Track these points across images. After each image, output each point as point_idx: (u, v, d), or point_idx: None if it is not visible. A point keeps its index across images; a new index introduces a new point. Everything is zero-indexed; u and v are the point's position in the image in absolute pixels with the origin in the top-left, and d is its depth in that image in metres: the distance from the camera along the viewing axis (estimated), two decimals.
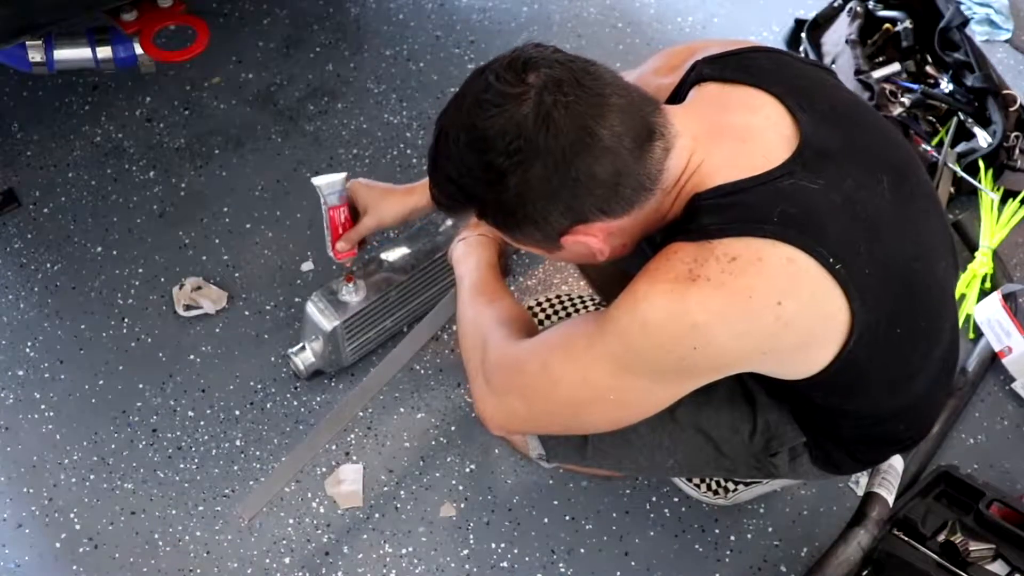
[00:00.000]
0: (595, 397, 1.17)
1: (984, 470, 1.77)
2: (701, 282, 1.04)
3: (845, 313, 1.08)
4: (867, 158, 1.15)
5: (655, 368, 1.11)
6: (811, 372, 1.14)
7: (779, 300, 1.05)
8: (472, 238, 1.47)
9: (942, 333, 1.25)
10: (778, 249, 1.04)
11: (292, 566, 1.64)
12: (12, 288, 1.94)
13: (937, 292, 1.22)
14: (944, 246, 1.25)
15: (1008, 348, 1.85)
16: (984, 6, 2.51)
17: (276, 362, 1.86)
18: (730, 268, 1.04)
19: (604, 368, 1.13)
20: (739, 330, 1.06)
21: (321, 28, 2.39)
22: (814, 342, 1.11)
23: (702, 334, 1.05)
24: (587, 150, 1.05)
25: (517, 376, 1.22)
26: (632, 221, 1.12)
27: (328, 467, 1.74)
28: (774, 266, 1.05)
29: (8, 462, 1.73)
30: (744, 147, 1.10)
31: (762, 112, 1.13)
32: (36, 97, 2.22)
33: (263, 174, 2.12)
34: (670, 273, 1.06)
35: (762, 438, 1.34)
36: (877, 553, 1.54)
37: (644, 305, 1.07)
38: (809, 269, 1.05)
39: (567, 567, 1.65)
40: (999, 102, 2.14)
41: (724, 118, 1.13)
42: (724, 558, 1.67)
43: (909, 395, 1.27)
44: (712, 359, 1.09)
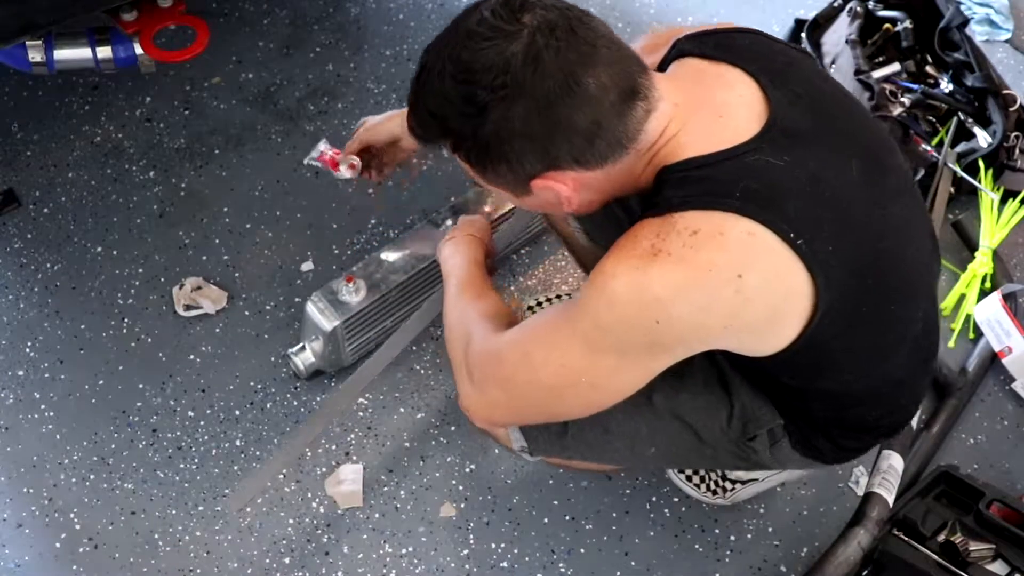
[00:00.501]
0: (571, 381, 1.18)
1: (984, 470, 1.77)
2: (663, 257, 1.05)
3: (808, 289, 1.09)
4: (838, 140, 1.16)
5: (622, 344, 1.12)
6: (777, 349, 1.14)
7: (739, 273, 1.05)
8: (459, 237, 1.50)
9: (914, 317, 1.25)
10: (739, 223, 1.05)
11: (292, 566, 1.64)
12: (12, 288, 1.94)
13: (908, 275, 1.22)
14: (919, 230, 1.25)
15: (1008, 348, 1.85)
16: (984, 6, 2.51)
17: (276, 362, 1.86)
18: (691, 242, 1.05)
19: (576, 349, 1.14)
20: (700, 303, 1.07)
21: (321, 28, 2.39)
22: (777, 318, 1.11)
23: (664, 308, 1.06)
24: (571, 96, 1.06)
25: (497, 367, 1.24)
26: (604, 177, 1.13)
27: (328, 467, 1.74)
28: (735, 240, 1.05)
29: (8, 462, 1.73)
30: (718, 122, 1.12)
31: (736, 89, 1.14)
32: (36, 97, 2.22)
33: (263, 174, 2.12)
34: (635, 249, 1.07)
35: (739, 422, 1.35)
36: (877, 553, 1.54)
37: (610, 282, 1.08)
38: (770, 244, 1.06)
39: (567, 567, 1.65)
40: (999, 102, 2.14)
41: (702, 92, 1.14)
42: (724, 558, 1.67)
43: (881, 379, 1.27)
44: (676, 333, 1.10)
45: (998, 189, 2.08)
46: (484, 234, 1.54)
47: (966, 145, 2.14)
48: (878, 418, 1.35)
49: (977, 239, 2.03)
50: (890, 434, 1.46)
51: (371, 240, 2.02)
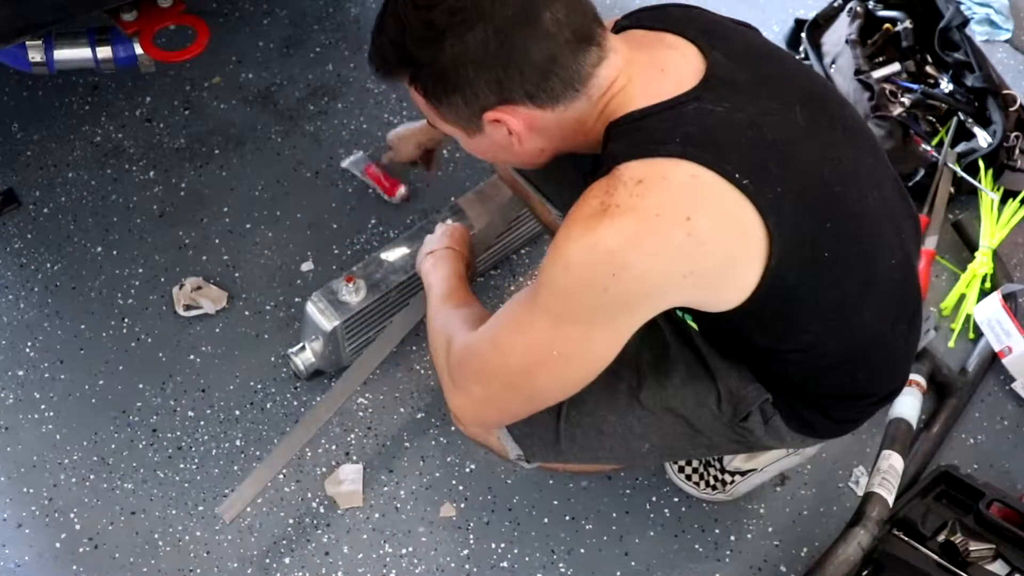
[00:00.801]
0: (540, 358, 1.18)
1: (984, 470, 1.77)
2: (612, 210, 1.06)
3: (760, 230, 1.09)
4: (777, 88, 1.18)
5: (586, 309, 1.12)
6: (740, 300, 1.14)
7: (687, 216, 1.06)
8: (440, 252, 1.53)
9: (879, 263, 1.24)
10: (681, 166, 1.07)
11: (292, 566, 1.64)
12: (12, 288, 1.94)
13: (870, 220, 1.22)
14: (879, 177, 1.26)
15: (1008, 348, 1.85)
16: (984, 6, 2.51)
17: (276, 362, 1.86)
18: (637, 191, 1.06)
19: (542, 324, 1.15)
20: (653, 249, 1.07)
21: (321, 28, 2.39)
22: (734, 262, 1.12)
23: (618, 259, 1.07)
24: (528, 27, 1.08)
25: (471, 360, 1.25)
26: (555, 122, 1.15)
27: (328, 467, 1.74)
28: (679, 183, 1.07)
29: (8, 462, 1.73)
30: (660, 76, 1.15)
31: (678, 49, 1.18)
32: (36, 97, 2.22)
33: (263, 174, 2.12)
34: (584, 211, 1.08)
35: (729, 405, 1.34)
36: (877, 553, 1.54)
37: (563, 247, 1.09)
38: (715, 184, 1.07)
39: (567, 567, 1.65)
40: (999, 102, 2.14)
41: (645, 52, 1.18)
42: (724, 558, 1.67)
43: (852, 334, 1.26)
44: (635, 285, 1.10)
45: (998, 189, 2.08)
46: (463, 245, 1.57)
47: (966, 145, 2.14)
48: (863, 382, 1.34)
49: (977, 239, 2.03)
50: (881, 401, 1.42)
51: (371, 240, 2.02)
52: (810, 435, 1.40)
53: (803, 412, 1.36)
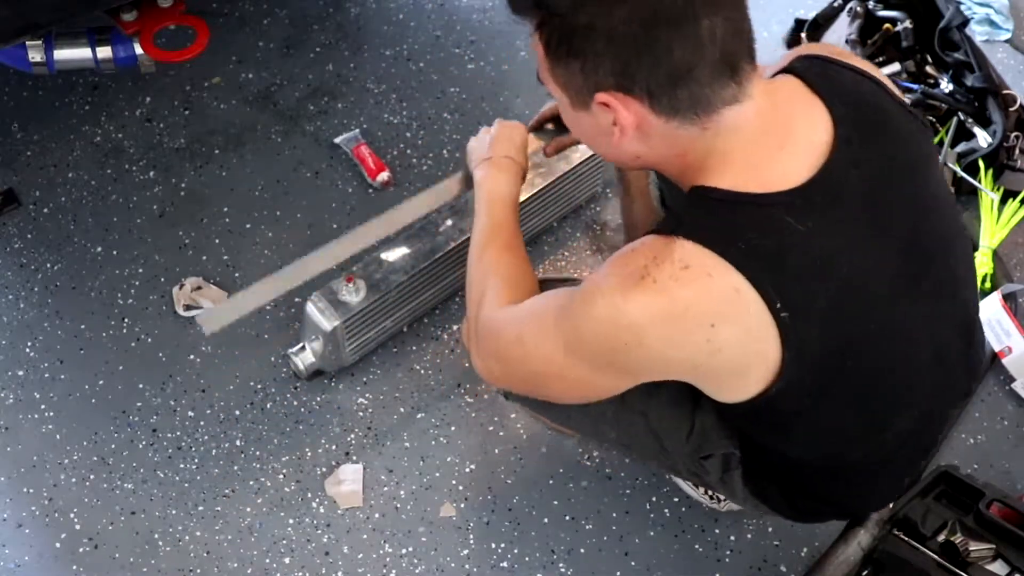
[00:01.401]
0: (554, 374, 1.18)
1: (984, 470, 1.77)
2: (648, 282, 1.03)
3: (776, 358, 1.06)
4: (885, 220, 1.11)
5: (594, 357, 1.12)
6: (736, 400, 1.14)
7: (713, 323, 1.03)
8: (499, 160, 1.45)
9: (896, 422, 1.22)
10: (730, 275, 1.02)
11: (292, 566, 1.64)
12: (12, 288, 1.94)
13: (902, 379, 1.19)
14: (944, 337, 1.20)
15: (1008, 348, 1.85)
16: (984, 6, 2.51)
17: (276, 362, 1.86)
18: (679, 275, 1.03)
19: (560, 347, 1.14)
20: (670, 339, 1.06)
21: (321, 28, 2.39)
22: (741, 374, 1.10)
23: (635, 334, 1.05)
24: (681, 25, 1.00)
25: (495, 341, 1.26)
26: (664, 135, 1.07)
27: (328, 467, 1.74)
28: (719, 289, 1.03)
29: (8, 462, 1.73)
30: (776, 156, 1.07)
31: (813, 131, 1.10)
32: (36, 97, 2.22)
33: (263, 174, 2.12)
34: (628, 267, 1.06)
35: (697, 439, 1.35)
36: (877, 553, 1.54)
37: (596, 293, 1.07)
38: (753, 304, 1.03)
39: (567, 567, 1.65)
40: (999, 102, 2.14)
41: (781, 115, 1.09)
42: (724, 558, 1.67)
43: (842, 461, 1.26)
44: (643, 360, 1.09)
45: (998, 189, 2.08)
46: (523, 153, 1.49)
47: (966, 145, 2.14)
48: (830, 494, 1.34)
49: (977, 239, 2.03)
50: (845, 516, 1.44)
51: None
52: (761, 502, 1.39)
53: (763, 482, 1.35)
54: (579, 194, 2.02)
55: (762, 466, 1.34)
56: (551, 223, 2.03)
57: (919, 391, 1.22)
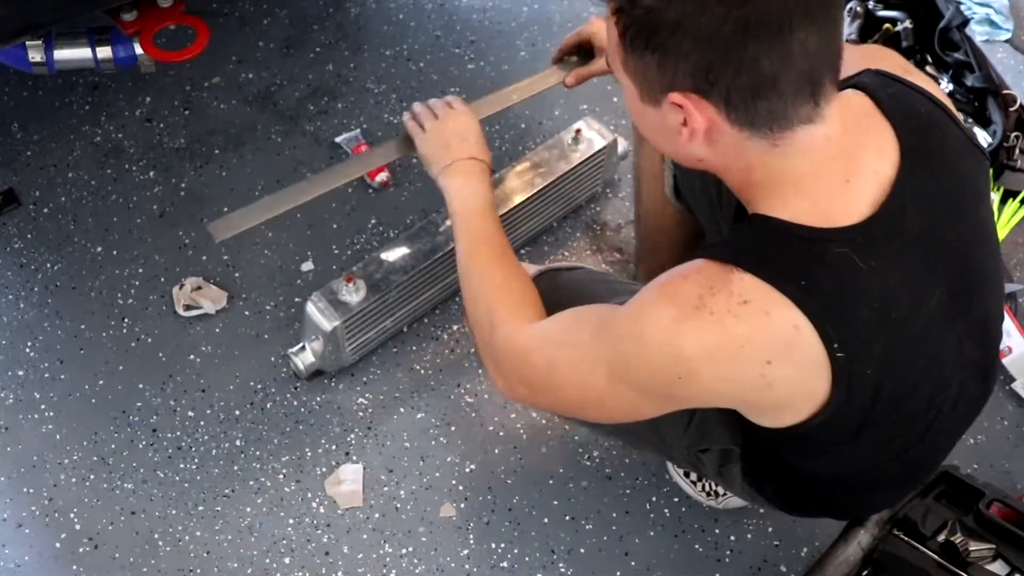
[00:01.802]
0: (593, 400, 1.16)
1: (984, 470, 1.77)
2: (704, 314, 1.00)
3: (825, 395, 1.05)
4: (937, 258, 1.09)
5: (643, 384, 1.10)
6: (771, 426, 1.14)
7: (769, 360, 1.01)
8: (463, 164, 1.39)
9: (911, 451, 1.23)
10: (790, 313, 1.00)
11: (292, 566, 1.64)
12: (12, 288, 1.94)
13: (930, 421, 1.19)
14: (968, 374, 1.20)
15: (1008, 348, 1.85)
16: (984, 6, 2.51)
17: (276, 362, 1.86)
18: (736, 310, 1.00)
19: (601, 374, 1.11)
20: (723, 374, 1.04)
21: (321, 28, 2.39)
22: (786, 407, 1.09)
23: (688, 368, 1.03)
24: (774, 36, 0.95)
25: (524, 367, 1.22)
26: (734, 144, 1.03)
27: (328, 467, 1.74)
28: (778, 326, 1.00)
29: (8, 462, 1.73)
30: (841, 188, 1.04)
31: (880, 161, 1.06)
32: (36, 97, 2.22)
33: (263, 174, 2.12)
34: (681, 295, 1.02)
35: (696, 431, 1.34)
36: (877, 553, 1.54)
37: (646, 322, 1.04)
38: (811, 343, 1.01)
39: (567, 567, 1.65)
40: (999, 102, 2.14)
41: (853, 142, 1.06)
42: (724, 558, 1.67)
43: (850, 478, 1.26)
44: (693, 392, 1.08)
45: (998, 189, 2.08)
46: (482, 147, 1.42)
47: None
48: (829, 500, 1.34)
49: None
50: (840, 516, 1.45)
51: (371, 240, 2.02)
52: (758, 494, 1.39)
53: (762, 478, 1.35)
54: (579, 194, 2.02)
55: (764, 467, 1.34)
56: (551, 223, 2.03)
57: (938, 428, 1.23)
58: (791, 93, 0.98)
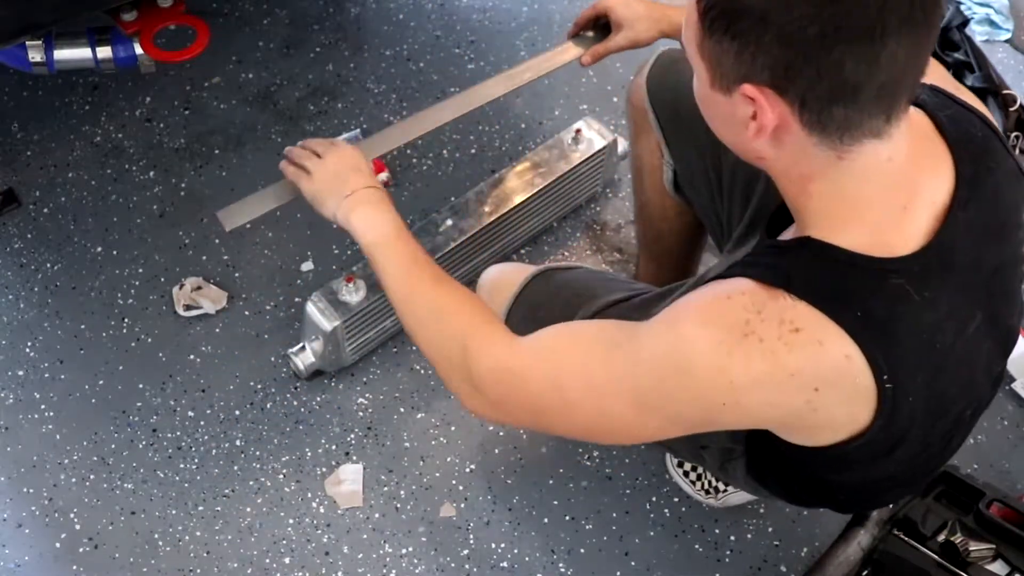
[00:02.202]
0: (609, 428, 1.09)
1: (984, 470, 1.77)
2: (753, 340, 0.96)
3: (866, 422, 1.03)
4: (979, 287, 1.07)
5: (677, 413, 1.04)
6: (806, 444, 1.10)
7: (817, 387, 0.98)
8: (363, 193, 1.31)
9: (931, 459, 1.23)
10: (843, 343, 0.96)
11: (292, 566, 1.64)
12: (12, 288, 1.94)
13: (948, 438, 1.19)
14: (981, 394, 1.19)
15: None
16: (984, 6, 2.51)
17: (276, 362, 1.86)
18: (789, 339, 0.96)
19: (625, 402, 1.04)
20: (770, 401, 1.00)
21: (321, 28, 2.39)
22: (827, 429, 1.07)
23: (734, 394, 0.98)
24: (863, 43, 0.90)
25: (522, 391, 1.12)
26: (801, 147, 0.98)
27: (328, 467, 1.74)
28: (831, 357, 0.97)
29: (8, 462, 1.73)
30: (900, 217, 1.01)
31: (937, 188, 1.03)
32: (36, 97, 2.22)
33: (263, 174, 2.12)
34: (725, 319, 0.98)
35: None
36: (877, 553, 1.54)
37: (688, 348, 0.98)
38: (861, 374, 0.98)
39: (567, 567, 1.65)
40: (999, 102, 2.14)
41: (914, 168, 1.02)
42: (724, 558, 1.67)
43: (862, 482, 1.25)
44: (735, 417, 1.04)
45: None
46: (374, 176, 1.35)
47: None
48: (840, 497, 1.33)
49: None
50: (844, 510, 1.43)
51: None
52: (762, 486, 1.37)
53: (766, 474, 1.33)
54: (579, 194, 2.02)
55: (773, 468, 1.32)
56: (551, 223, 2.03)
57: (958, 437, 1.23)
58: (870, 104, 0.94)
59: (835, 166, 0.98)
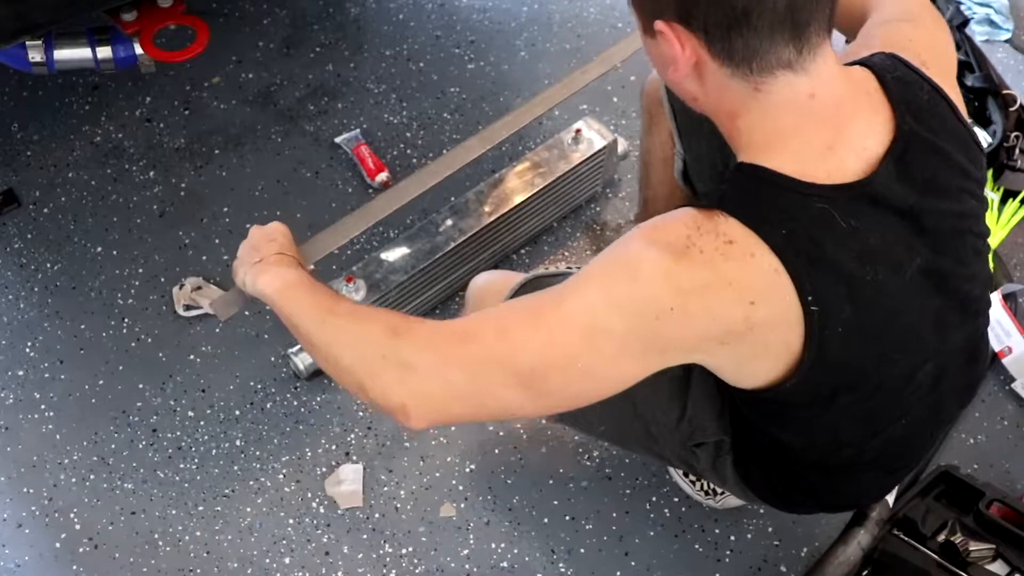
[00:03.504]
0: (561, 364, 1.05)
1: (984, 470, 1.77)
2: (694, 252, 1.01)
3: (798, 351, 1.06)
4: (916, 236, 1.10)
5: (629, 328, 1.03)
6: (748, 387, 1.14)
7: (752, 300, 1.02)
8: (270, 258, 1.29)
9: (889, 429, 1.23)
10: (770, 257, 1.01)
11: (292, 566, 1.64)
12: (12, 288, 1.94)
13: (907, 390, 1.19)
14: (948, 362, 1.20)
15: (1008, 348, 1.85)
16: (984, 6, 2.51)
17: (276, 362, 1.86)
18: (724, 249, 1.01)
19: (577, 327, 1.04)
20: (713, 310, 1.03)
21: (321, 28, 2.39)
22: (763, 360, 1.09)
23: (681, 299, 1.02)
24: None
25: (461, 347, 1.07)
26: (717, 83, 1.05)
27: (328, 467, 1.74)
28: (761, 268, 1.02)
29: (8, 462, 1.73)
30: (823, 153, 1.05)
31: (871, 137, 1.07)
32: (36, 97, 2.22)
33: (263, 174, 2.12)
34: (669, 236, 1.03)
35: (688, 426, 1.34)
36: (877, 553, 1.54)
37: (635, 259, 1.03)
38: (787, 291, 1.02)
39: (567, 567, 1.65)
40: (999, 102, 2.14)
41: (843, 114, 1.06)
42: (724, 558, 1.67)
43: (829, 458, 1.26)
44: (681, 330, 1.05)
45: (998, 189, 2.08)
46: (290, 246, 1.34)
47: None
48: (820, 488, 1.33)
49: None
50: (828, 509, 1.44)
51: (371, 240, 2.02)
52: (749, 489, 1.38)
53: (750, 468, 1.35)
54: (579, 194, 2.02)
55: (750, 448, 1.34)
56: (551, 223, 2.03)
57: (917, 407, 1.23)
58: (766, 30, 0.99)
59: (754, 98, 1.03)
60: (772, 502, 1.40)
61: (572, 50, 2.36)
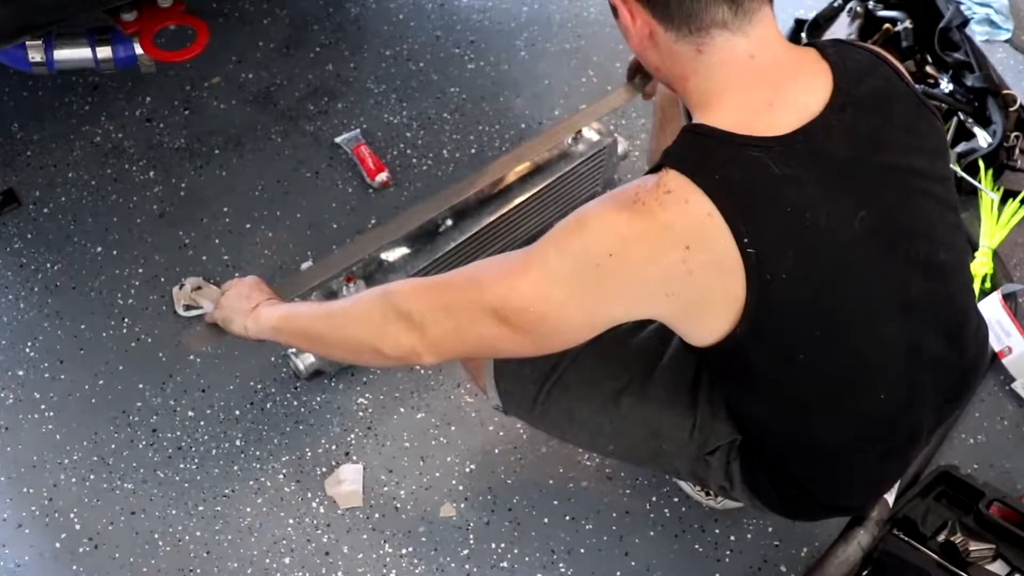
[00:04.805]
0: (520, 306, 1.15)
1: (984, 470, 1.77)
2: (638, 206, 1.08)
3: (741, 296, 1.10)
4: (861, 189, 1.14)
5: (575, 274, 1.12)
6: (707, 342, 1.16)
7: (688, 245, 1.07)
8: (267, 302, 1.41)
9: (867, 398, 1.23)
10: (703, 202, 1.07)
11: (292, 566, 1.64)
12: (12, 288, 1.94)
13: (872, 354, 1.20)
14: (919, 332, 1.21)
15: (1008, 348, 1.85)
16: (984, 6, 2.51)
17: (276, 362, 1.86)
18: (662, 199, 1.08)
19: (532, 275, 1.14)
20: (650, 256, 1.09)
21: (321, 28, 2.39)
22: (709, 307, 1.13)
23: (621, 246, 1.09)
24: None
25: (444, 292, 1.22)
26: (667, 50, 1.14)
27: (328, 467, 1.74)
28: (694, 214, 1.07)
29: (8, 462, 1.73)
30: (763, 109, 1.12)
31: (805, 94, 1.13)
32: (36, 97, 2.22)
33: (263, 174, 2.12)
34: (619, 195, 1.11)
35: (701, 435, 1.36)
36: (877, 553, 1.54)
37: (588, 213, 1.12)
38: (722, 235, 1.07)
39: (567, 567, 1.65)
40: (999, 102, 2.14)
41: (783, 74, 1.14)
42: (724, 558, 1.67)
43: (808, 435, 1.27)
44: (621, 276, 1.10)
45: (998, 189, 2.08)
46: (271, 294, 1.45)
47: (966, 145, 2.14)
48: (810, 481, 1.33)
49: (977, 239, 2.03)
50: (829, 510, 1.44)
51: None
52: (756, 496, 1.39)
53: (756, 470, 1.35)
54: (579, 194, 2.02)
55: (754, 448, 1.34)
56: (551, 223, 2.03)
57: (887, 379, 1.23)
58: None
59: (698, 59, 1.12)
60: (777, 508, 1.40)
61: (572, 50, 2.36)
